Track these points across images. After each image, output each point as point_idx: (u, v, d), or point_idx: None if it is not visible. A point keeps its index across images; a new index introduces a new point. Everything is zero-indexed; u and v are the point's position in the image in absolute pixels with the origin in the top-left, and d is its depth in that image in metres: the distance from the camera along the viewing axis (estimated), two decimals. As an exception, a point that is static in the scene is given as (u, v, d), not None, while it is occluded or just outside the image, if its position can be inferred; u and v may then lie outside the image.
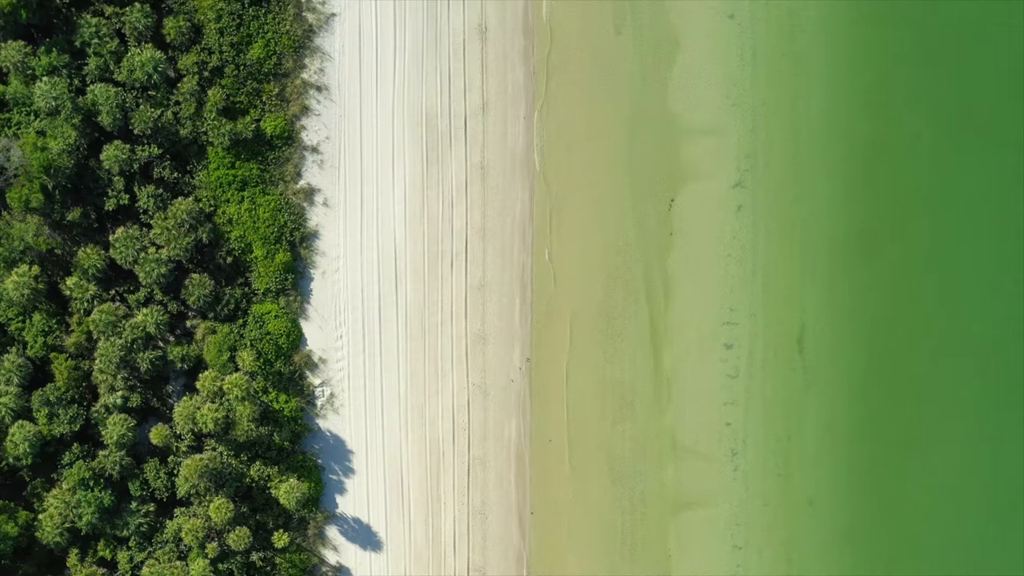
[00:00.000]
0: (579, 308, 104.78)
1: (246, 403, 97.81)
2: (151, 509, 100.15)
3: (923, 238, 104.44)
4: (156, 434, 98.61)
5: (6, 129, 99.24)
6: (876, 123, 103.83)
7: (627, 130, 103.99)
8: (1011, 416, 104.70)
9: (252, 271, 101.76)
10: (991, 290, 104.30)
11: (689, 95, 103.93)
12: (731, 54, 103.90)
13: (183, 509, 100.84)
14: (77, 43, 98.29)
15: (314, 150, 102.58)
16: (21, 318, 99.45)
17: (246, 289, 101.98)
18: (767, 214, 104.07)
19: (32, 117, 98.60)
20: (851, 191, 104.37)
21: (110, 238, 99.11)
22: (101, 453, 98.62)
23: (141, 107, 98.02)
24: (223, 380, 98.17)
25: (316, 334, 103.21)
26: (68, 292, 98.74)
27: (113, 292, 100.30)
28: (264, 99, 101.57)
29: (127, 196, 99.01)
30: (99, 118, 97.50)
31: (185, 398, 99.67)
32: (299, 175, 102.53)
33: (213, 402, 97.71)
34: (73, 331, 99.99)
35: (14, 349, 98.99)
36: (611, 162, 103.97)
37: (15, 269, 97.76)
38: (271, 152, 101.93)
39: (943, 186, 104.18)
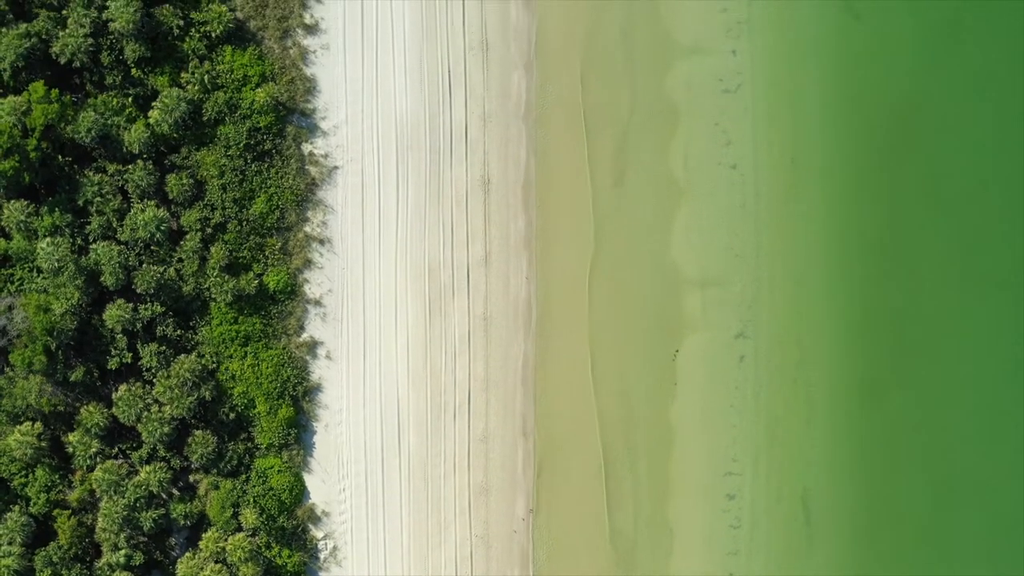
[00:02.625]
0: (581, 458, 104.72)
1: (249, 564, 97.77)
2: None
3: (926, 385, 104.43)
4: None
5: (8, 285, 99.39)
6: (878, 273, 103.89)
7: (631, 281, 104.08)
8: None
9: (255, 426, 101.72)
10: (993, 440, 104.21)
11: (692, 246, 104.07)
12: (734, 204, 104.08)
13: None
14: (80, 202, 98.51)
15: (317, 303, 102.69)
16: (24, 473, 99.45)
17: (249, 444, 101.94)
18: (769, 364, 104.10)
19: (34, 274, 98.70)
20: (853, 340, 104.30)
21: (113, 396, 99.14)
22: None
23: (144, 267, 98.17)
24: (226, 541, 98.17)
25: (319, 487, 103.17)
26: (71, 449, 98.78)
27: (116, 449, 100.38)
28: (267, 253, 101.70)
29: (130, 354, 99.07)
30: (102, 278, 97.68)
31: (188, 555, 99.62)
32: (302, 328, 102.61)
33: (216, 563, 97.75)
34: (76, 486, 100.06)
35: (17, 507, 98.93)
36: (616, 318, 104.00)
37: (18, 427, 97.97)
38: (274, 306, 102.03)
39: (945, 334, 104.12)
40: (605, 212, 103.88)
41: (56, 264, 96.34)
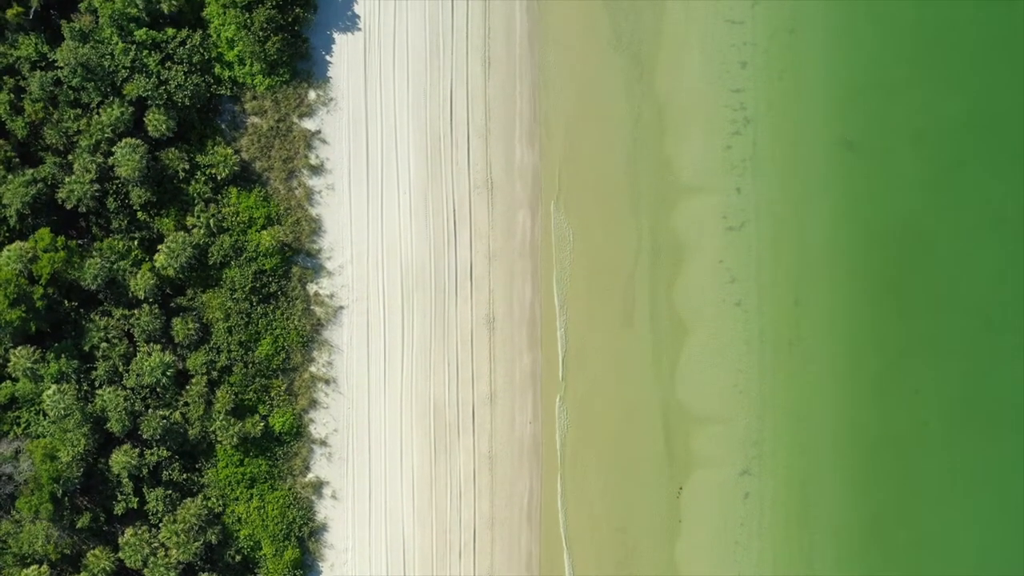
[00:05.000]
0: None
1: None
2: None
3: (932, 522, 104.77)
4: None
5: (15, 428, 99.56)
6: (882, 413, 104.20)
7: (635, 420, 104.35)
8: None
9: (261, 568, 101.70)
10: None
11: (696, 383, 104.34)
12: (737, 341, 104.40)
13: None
14: (86, 347, 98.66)
15: (323, 443, 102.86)
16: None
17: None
18: (774, 502, 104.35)
19: (41, 416, 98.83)
20: (857, 480, 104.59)
21: (119, 540, 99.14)
22: None
23: (150, 412, 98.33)
24: None
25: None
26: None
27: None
28: (272, 395, 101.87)
29: (136, 499, 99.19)
30: (108, 425, 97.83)
31: None
32: (307, 468, 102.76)
33: None
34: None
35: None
36: (620, 453, 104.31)
37: (25, 571, 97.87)
38: (279, 447, 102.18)
39: (950, 474, 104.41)
40: (611, 352, 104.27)
41: (62, 412, 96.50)
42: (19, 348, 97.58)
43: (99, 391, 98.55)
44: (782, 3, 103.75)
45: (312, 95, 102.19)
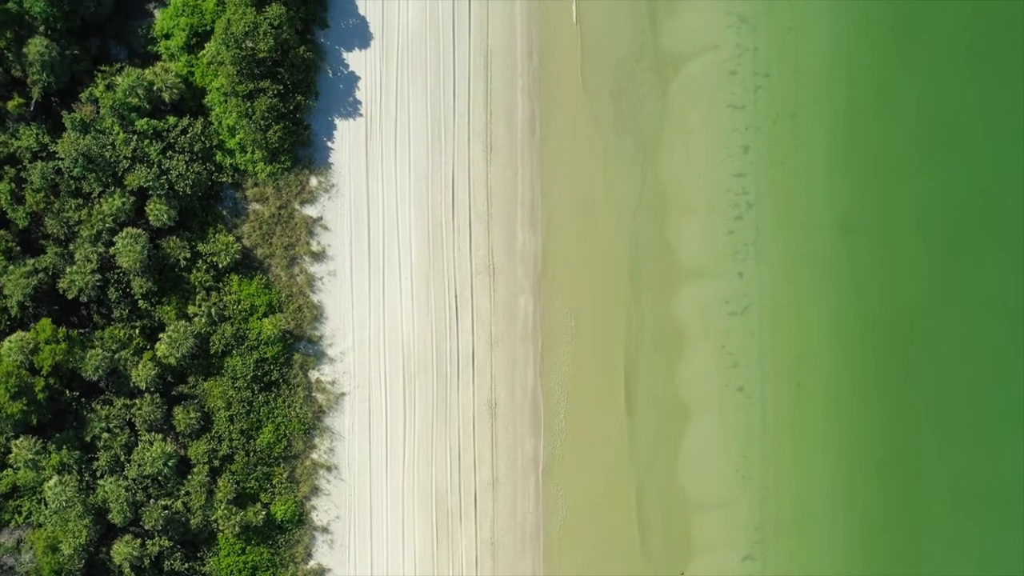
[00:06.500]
0: None
1: None
2: None
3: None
4: None
5: (16, 516, 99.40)
6: (883, 499, 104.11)
7: (637, 505, 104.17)
8: None
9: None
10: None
11: (699, 468, 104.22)
12: (740, 426, 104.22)
13: None
14: (87, 437, 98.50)
15: (324, 530, 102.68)
16: None
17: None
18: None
19: (42, 506, 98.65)
20: (861, 561, 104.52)
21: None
22: None
23: (151, 503, 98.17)
24: None
25: None
26: None
27: None
28: (274, 483, 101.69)
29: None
30: (110, 516, 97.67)
31: None
32: (309, 556, 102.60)
33: None
34: None
35: None
36: (622, 540, 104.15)
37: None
38: (281, 535, 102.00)
39: (953, 554, 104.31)
40: (613, 437, 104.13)
41: (64, 504, 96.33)
42: (20, 439, 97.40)
43: (101, 481, 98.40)
44: (784, 87, 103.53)
45: (314, 181, 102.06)
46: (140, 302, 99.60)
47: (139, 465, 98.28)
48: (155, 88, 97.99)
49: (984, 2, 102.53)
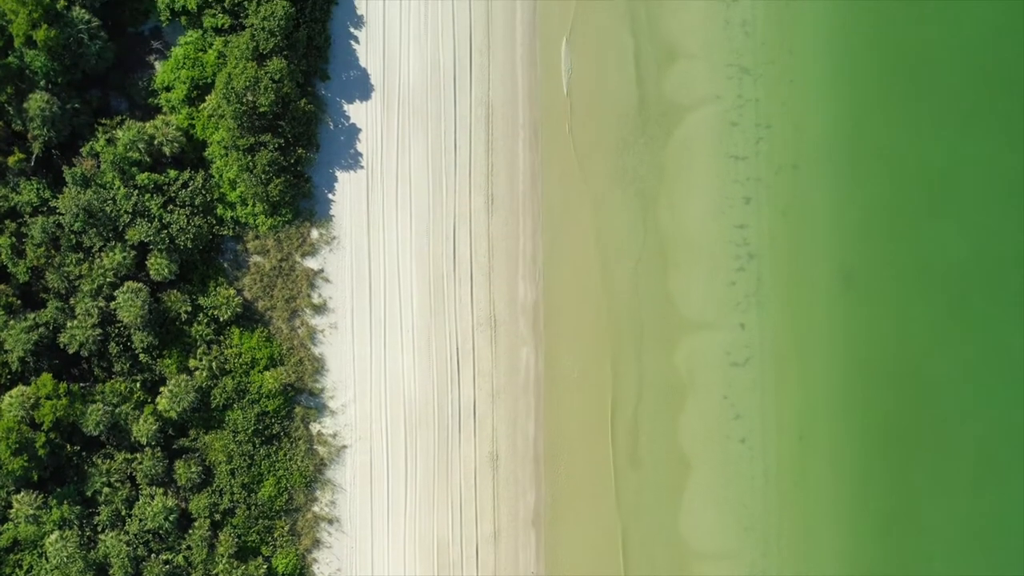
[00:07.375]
0: None
1: None
2: None
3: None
4: None
5: (17, 571, 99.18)
6: (887, 552, 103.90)
7: (639, 558, 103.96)
8: None
9: None
10: None
11: (702, 519, 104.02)
12: (743, 478, 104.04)
13: None
14: (88, 492, 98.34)
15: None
16: None
17: None
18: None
19: (43, 560, 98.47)
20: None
21: None
22: None
23: (153, 558, 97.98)
24: None
25: None
26: None
27: None
28: (276, 536, 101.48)
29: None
30: (111, 571, 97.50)
31: None
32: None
33: None
34: None
35: None
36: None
37: None
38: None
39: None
40: (615, 488, 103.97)
41: (65, 560, 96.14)
42: (21, 494, 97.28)
43: (102, 536, 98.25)
44: (786, 138, 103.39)
45: (315, 234, 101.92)
46: (141, 356, 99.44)
47: (140, 520, 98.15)
48: (156, 141, 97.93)
49: (987, 60, 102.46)
